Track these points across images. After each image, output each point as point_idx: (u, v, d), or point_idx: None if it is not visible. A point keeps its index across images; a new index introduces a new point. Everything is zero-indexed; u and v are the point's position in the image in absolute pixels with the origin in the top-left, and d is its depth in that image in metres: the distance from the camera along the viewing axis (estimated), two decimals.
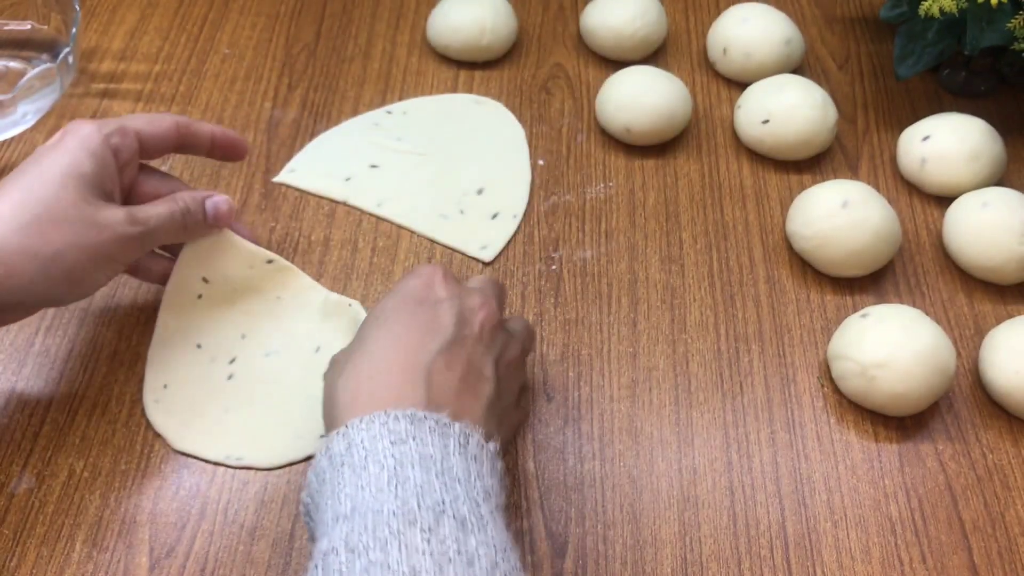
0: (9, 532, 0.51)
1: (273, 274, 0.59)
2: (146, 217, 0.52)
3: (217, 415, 0.55)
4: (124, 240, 0.51)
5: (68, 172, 0.50)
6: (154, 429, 0.55)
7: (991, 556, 0.52)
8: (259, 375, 0.57)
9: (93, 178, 0.50)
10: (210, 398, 0.56)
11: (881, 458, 0.55)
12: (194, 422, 0.55)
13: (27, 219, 0.48)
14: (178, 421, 0.55)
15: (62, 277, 0.49)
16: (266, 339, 0.58)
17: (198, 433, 0.54)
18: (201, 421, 0.55)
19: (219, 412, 0.55)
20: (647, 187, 0.68)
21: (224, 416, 0.55)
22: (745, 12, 0.74)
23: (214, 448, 0.54)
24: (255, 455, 0.54)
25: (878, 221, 0.61)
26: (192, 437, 0.54)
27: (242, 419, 0.55)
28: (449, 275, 0.51)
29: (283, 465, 0.54)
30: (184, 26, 0.77)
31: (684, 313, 0.61)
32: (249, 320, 0.58)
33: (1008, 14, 0.65)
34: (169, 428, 0.55)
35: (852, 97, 0.75)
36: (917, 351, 0.54)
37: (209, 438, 0.54)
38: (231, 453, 0.54)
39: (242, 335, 0.58)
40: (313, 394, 0.51)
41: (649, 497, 0.53)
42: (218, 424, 0.55)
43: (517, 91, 0.74)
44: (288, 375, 0.57)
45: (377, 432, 0.42)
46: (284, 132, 0.70)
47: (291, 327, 0.59)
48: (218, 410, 0.55)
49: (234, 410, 0.55)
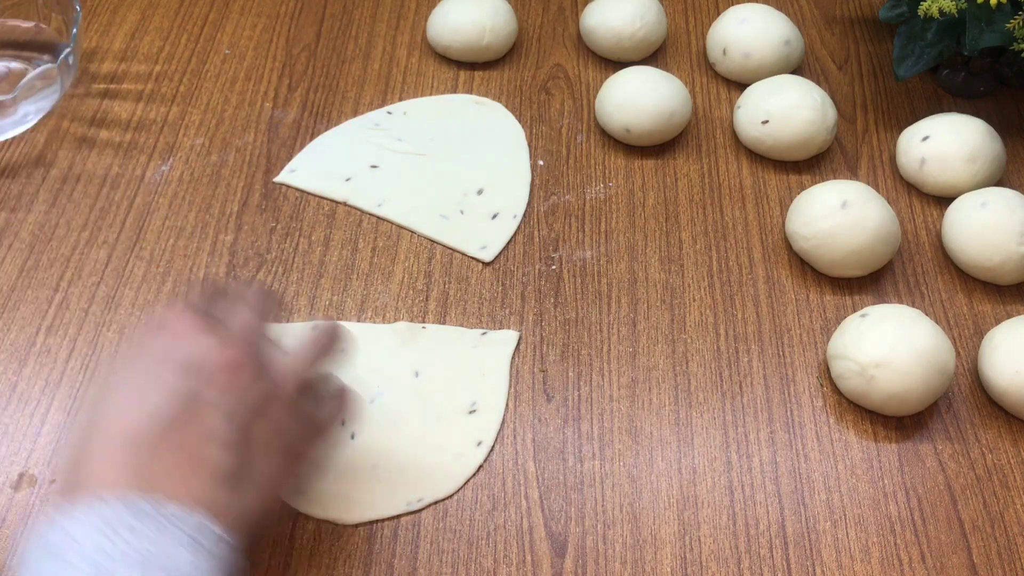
0: (9, 532, 0.51)
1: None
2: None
3: (346, 478, 0.53)
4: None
5: None
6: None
7: (990, 556, 0.52)
8: (375, 424, 0.55)
9: None
10: (341, 463, 0.53)
11: (880, 458, 0.55)
12: (327, 493, 0.52)
13: None
14: (314, 494, 0.52)
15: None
16: (365, 387, 0.56)
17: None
18: (331, 488, 0.53)
19: (349, 475, 0.53)
20: (647, 187, 0.68)
21: (351, 479, 0.53)
22: (744, 13, 0.74)
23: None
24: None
25: (877, 221, 0.61)
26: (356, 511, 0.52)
27: (367, 480, 0.53)
28: (189, 318, 0.44)
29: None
30: (185, 26, 0.77)
31: (684, 313, 0.61)
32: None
33: (1007, 15, 0.65)
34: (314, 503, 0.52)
35: (851, 97, 0.75)
36: (916, 351, 0.54)
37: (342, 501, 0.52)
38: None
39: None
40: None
41: (649, 497, 0.53)
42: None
43: (517, 91, 0.74)
44: (399, 412, 0.56)
45: (95, 524, 0.37)
46: (284, 132, 0.70)
47: (379, 365, 0.57)
48: (348, 473, 0.53)
49: (362, 472, 0.53)
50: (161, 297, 0.61)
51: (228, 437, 0.41)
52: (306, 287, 0.62)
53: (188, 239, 0.64)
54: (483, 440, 0.55)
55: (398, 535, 0.51)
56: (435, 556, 0.51)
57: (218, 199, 0.66)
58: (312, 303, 0.61)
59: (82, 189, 0.66)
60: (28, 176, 0.67)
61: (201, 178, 0.67)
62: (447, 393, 0.57)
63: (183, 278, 0.62)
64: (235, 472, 0.41)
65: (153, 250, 0.63)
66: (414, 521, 0.52)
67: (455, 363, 0.58)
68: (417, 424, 0.56)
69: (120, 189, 0.66)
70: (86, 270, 0.62)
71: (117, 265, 0.62)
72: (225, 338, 0.44)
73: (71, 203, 0.65)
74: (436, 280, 0.62)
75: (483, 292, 0.62)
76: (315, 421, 0.46)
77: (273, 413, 0.43)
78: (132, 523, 0.37)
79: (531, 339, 0.60)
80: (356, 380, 0.57)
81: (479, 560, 0.51)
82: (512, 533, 0.52)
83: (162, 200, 0.66)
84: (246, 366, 0.43)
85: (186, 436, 0.41)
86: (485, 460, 0.54)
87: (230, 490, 0.41)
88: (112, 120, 0.70)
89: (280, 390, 0.44)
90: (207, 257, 0.63)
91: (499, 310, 0.61)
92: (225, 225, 0.65)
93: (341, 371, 0.56)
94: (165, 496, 0.39)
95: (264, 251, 0.63)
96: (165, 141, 0.69)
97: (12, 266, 0.62)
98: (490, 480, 0.54)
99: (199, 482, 0.40)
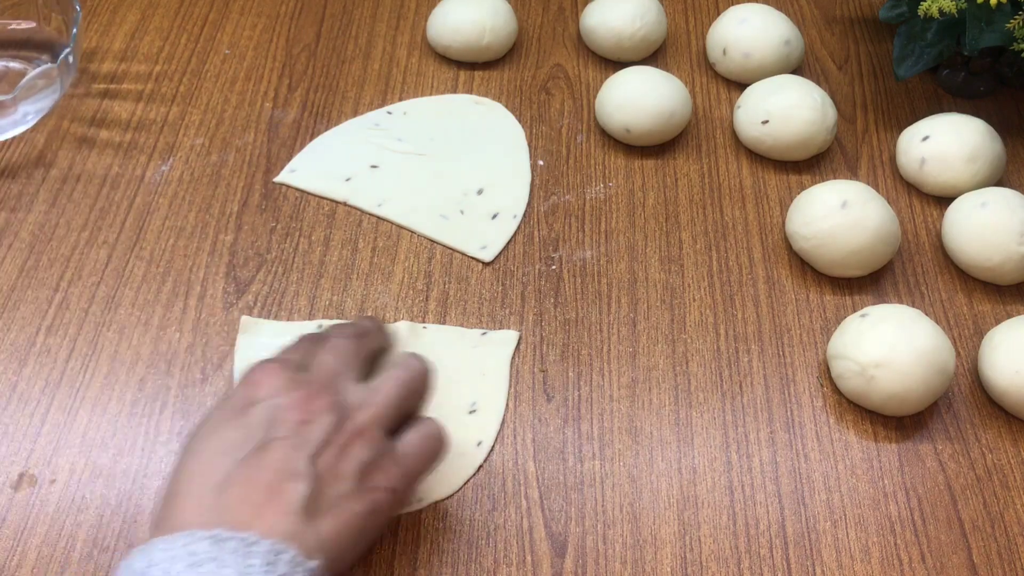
0: (9, 532, 0.51)
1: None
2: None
3: None
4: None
5: None
6: None
7: (990, 556, 0.52)
8: None
9: None
10: None
11: (880, 458, 0.55)
12: None
13: None
14: None
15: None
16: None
17: None
18: None
19: None
20: (647, 187, 0.68)
21: None
22: (744, 13, 0.74)
23: None
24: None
25: (877, 221, 0.61)
26: None
27: None
28: (278, 370, 0.47)
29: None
30: (185, 26, 0.77)
31: (684, 313, 0.61)
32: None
33: (1007, 15, 0.65)
34: None
35: (851, 97, 0.75)
36: (916, 351, 0.54)
37: None
38: None
39: None
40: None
41: (649, 497, 0.53)
42: None
43: (517, 91, 0.74)
44: None
45: (177, 553, 0.40)
46: (284, 132, 0.70)
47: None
48: None
49: None
50: (161, 297, 0.61)
51: (299, 468, 0.43)
52: (306, 287, 0.62)
53: (188, 239, 0.64)
54: (483, 440, 0.55)
55: (398, 535, 0.51)
56: (435, 556, 0.51)
57: (218, 199, 0.66)
58: (312, 303, 0.61)
59: (82, 189, 0.66)
60: (28, 176, 0.67)
61: (201, 178, 0.67)
62: (447, 393, 0.57)
63: (183, 278, 0.62)
64: (309, 500, 0.43)
65: (153, 250, 0.63)
66: (414, 521, 0.52)
67: (455, 363, 0.58)
68: None
69: (120, 189, 0.66)
70: (86, 270, 0.62)
71: (117, 265, 0.62)
72: (300, 381, 0.46)
73: (71, 203, 0.65)
74: (436, 280, 0.62)
75: (483, 292, 0.62)
76: (392, 452, 0.46)
77: (345, 443, 0.45)
78: (210, 550, 0.40)
79: (531, 339, 0.60)
80: None
81: (479, 560, 0.51)
82: (512, 533, 0.52)
83: (162, 200, 0.66)
84: (316, 401, 0.45)
85: (260, 471, 0.43)
86: (485, 460, 0.54)
87: (307, 517, 0.42)
88: (112, 120, 0.70)
89: (353, 423, 0.45)
90: (207, 257, 0.63)
91: (499, 310, 0.61)
92: (225, 225, 0.65)
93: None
94: (242, 526, 0.41)
95: (264, 251, 0.63)
96: (165, 141, 0.69)
97: (12, 266, 0.62)
98: (490, 480, 0.54)
99: (274, 512, 0.42)
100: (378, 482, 0.45)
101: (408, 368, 0.49)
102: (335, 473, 0.44)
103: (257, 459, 0.43)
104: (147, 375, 0.57)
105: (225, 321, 0.60)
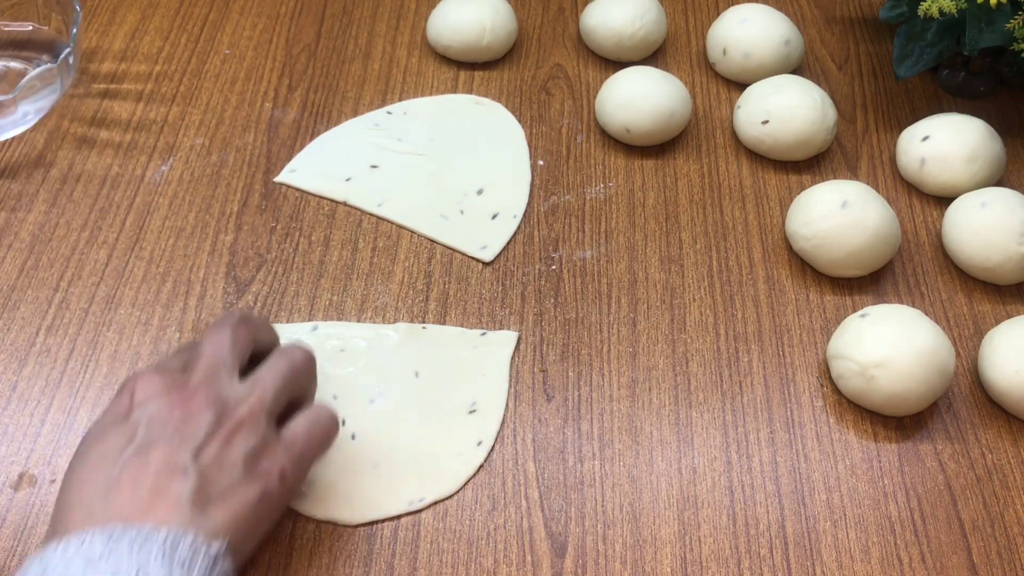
0: (9, 532, 0.51)
1: (329, 333, 0.59)
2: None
3: (346, 478, 0.53)
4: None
5: None
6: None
7: (990, 556, 0.52)
8: (375, 424, 0.55)
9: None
10: (342, 464, 0.54)
11: (880, 458, 0.55)
12: (327, 493, 0.53)
13: None
14: (314, 494, 0.53)
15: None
16: (365, 387, 0.57)
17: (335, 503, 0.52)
18: (332, 488, 0.53)
19: (350, 475, 0.53)
20: (647, 187, 0.68)
21: (352, 479, 0.53)
22: (744, 12, 0.74)
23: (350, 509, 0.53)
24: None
25: (877, 221, 0.61)
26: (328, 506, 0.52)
27: (368, 480, 0.54)
28: (154, 376, 0.47)
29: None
30: (184, 26, 0.77)
31: (683, 313, 0.61)
32: (337, 380, 0.57)
33: (1007, 15, 0.65)
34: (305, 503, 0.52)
35: (851, 97, 0.75)
36: (916, 351, 0.54)
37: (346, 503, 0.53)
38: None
39: (333, 396, 0.56)
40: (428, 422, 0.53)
41: (649, 497, 0.53)
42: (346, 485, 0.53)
43: (517, 91, 0.74)
44: (399, 412, 0.56)
45: (71, 555, 0.40)
46: (284, 132, 0.70)
47: (379, 366, 0.58)
48: (348, 473, 0.53)
49: (362, 472, 0.54)
50: (161, 297, 0.61)
51: (182, 463, 0.44)
52: (306, 287, 0.62)
53: (188, 239, 0.64)
54: (483, 440, 0.55)
55: (398, 535, 0.51)
56: (435, 556, 0.51)
57: (218, 199, 0.66)
58: (312, 303, 0.61)
59: (82, 189, 0.66)
60: (28, 176, 0.67)
61: (201, 178, 0.67)
62: (447, 393, 0.57)
63: (183, 278, 0.62)
64: (197, 493, 0.43)
65: (153, 250, 0.63)
66: (414, 521, 0.52)
67: (455, 363, 0.58)
68: (417, 424, 0.56)
69: (120, 189, 0.66)
70: (86, 270, 0.62)
71: (117, 265, 0.62)
72: (178, 383, 0.47)
73: (71, 203, 0.65)
74: (436, 280, 0.62)
75: (483, 292, 0.62)
76: (278, 438, 0.47)
77: (228, 435, 0.45)
78: (106, 547, 0.40)
79: (531, 339, 0.60)
80: (356, 380, 0.57)
81: (479, 560, 0.51)
82: (512, 533, 0.52)
83: (162, 200, 0.66)
84: (194, 399, 0.46)
85: (144, 471, 0.43)
86: (485, 460, 0.54)
87: (197, 508, 0.43)
88: (112, 120, 0.70)
89: (234, 415, 0.46)
90: (207, 257, 0.63)
91: (499, 310, 0.61)
92: (225, 225, 0.65)
93: (341, 370, 0.56)
94: (153, 522, 0.41)
95: (264, 251, 0.63)
96: (165, 141, 0.69)
97: (12, 266, 0.62)
98: (490, 480, 0.54)
99: (164, 506, 0.42)
100: (266, 467, 0.46)
101: (287, 357, 0.50)
102: (221, 464, 0.44)
103: (140, 460, 0.44)
104: None
105: None
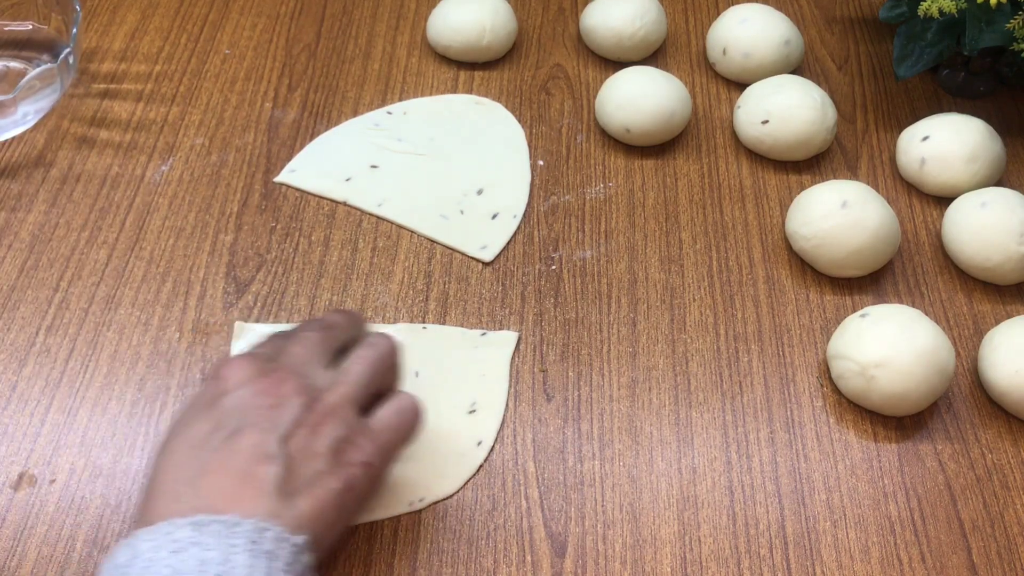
0: (9, 532, 0.51)
1: None
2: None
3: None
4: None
5: None
6: None
7: (990, 556, 0.52)
8: None
9: None
10: None
11: (880, 458, 0.55)
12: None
13: None
14: None
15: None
16: None
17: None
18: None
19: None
20: (647, 187, 0.68)
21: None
22: (744, 12, 0.74)
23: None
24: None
25: (877, 221, 0.61)
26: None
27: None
28: (245, 363, 0.47)
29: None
30: (184, 26, 0.77)
31: (683, 313, 0.61)
32: None
33: (1007, 15, 0.65)
34: None
35: (851, 97, 0.75)
36: (916, 351, 0.54)
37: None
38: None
39: None
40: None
41: (649, 497, 0.53)
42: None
43: (517, 91, 0.74)
44: None
45: (160, 542, 0.40)
46: (284, 132, 0.70)
47: None
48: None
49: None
50: (161, 297, 0.61)
51: (270, 451, 0.43)
52: (306, 287, 0.62)
53: (188, 239, 0.64)
54: (483, 440, 0.55)
55: (398, 535, 0.51)
56: (435, 556, 0.51)
57: (218, 199, 0.66)
58: (312, 303, 0.61)
59: (82, 189, 0.66)
60: (28, 176, 0.67)
61: (201, 178, 0.67)
62: (447, 393, 0.57)
63: (183, 278, 0.62)
64: (284, 481, 0.43)
65: (153, 250, 0.63)
66: (414, 521, 0.52)
67: (455, 363, 0.58)
68: None
69: (120, 189, 0.66)
70: (86, 270, 0.62)
71: (117, 265, 0.62)
72: (268, 370, 0.46)
73: (71, 203, 0.65)
74: (436, 280, 0.62)
75: (483, 292, 0.62)
76: (365, 428, 0.47)
77: (316, 423, 0.45)
78: (192, 535, 0.40)
79: (531, 339, 0.60)
80: None
81: (479, 560, 0.51)
82: (512, 533, 0.52)
83: (162, 200, 0.66)
84: (284, 386, 0.46)
85: (232, 458, 0.43)
86: (485, 460, 0.54)
87: (283, 497, 0.43)
88: (112, 120, 0.70)
89: (323, 403, 0.46)
90: (207, 257, 0.63)
91: (499, 310, 0.61)
92: (225, 225, 0.65)
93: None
94: (221, 511, 0.41)
95: (264, 251, 0.63)
96: (165, 141, 0.69)
97: (12, 266, 0.62)
98: (490, 480, 0.54)
99: (250, 495, 0.42)
100: (353, 458, 0.45)
101: (375, 346, 0.50)
102: (308, 453, 0.44)
103: (228, 447, 0.44)
104: (147, 375, 0.57)
105: (225, 321, 0.60)
